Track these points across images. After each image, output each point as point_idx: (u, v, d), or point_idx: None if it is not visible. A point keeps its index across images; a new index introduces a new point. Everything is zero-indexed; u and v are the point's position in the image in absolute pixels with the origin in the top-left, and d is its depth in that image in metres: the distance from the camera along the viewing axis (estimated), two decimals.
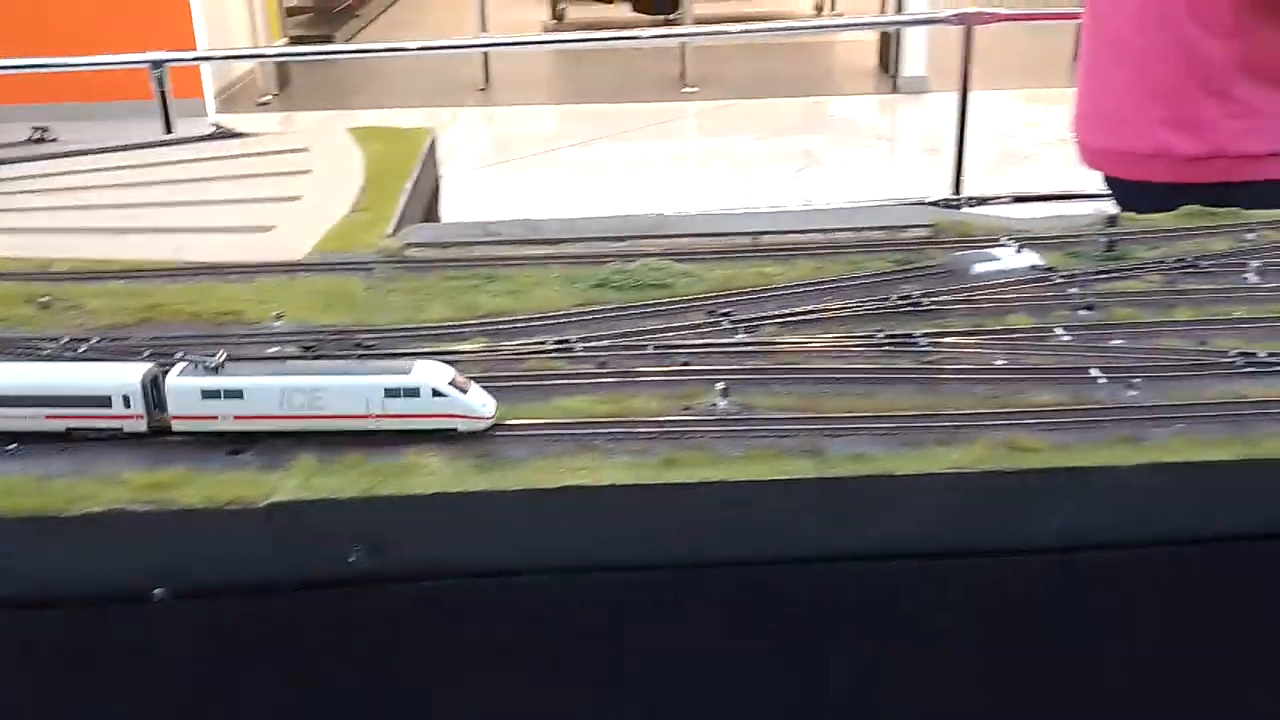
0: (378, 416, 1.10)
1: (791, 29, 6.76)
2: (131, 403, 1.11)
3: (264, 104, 8.31)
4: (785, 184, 6.39)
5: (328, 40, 9.19)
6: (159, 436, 1.12)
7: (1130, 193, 2.39)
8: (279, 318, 1.37)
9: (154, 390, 1.12)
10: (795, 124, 7.55)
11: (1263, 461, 1.05)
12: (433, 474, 1.05)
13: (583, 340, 1.31)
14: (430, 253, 1.55)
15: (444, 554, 1.03)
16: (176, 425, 1.12)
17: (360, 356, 1.27)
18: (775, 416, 1.16)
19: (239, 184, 1.90)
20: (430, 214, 2.04)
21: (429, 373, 1.12)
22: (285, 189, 1.85)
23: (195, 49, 7.69)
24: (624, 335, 1.33)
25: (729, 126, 7.63)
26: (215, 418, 1.11)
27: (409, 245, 1.56)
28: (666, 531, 1.04)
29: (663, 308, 1.41)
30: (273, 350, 1.29)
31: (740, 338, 1.34)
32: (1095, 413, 1.13)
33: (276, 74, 8.49)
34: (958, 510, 1.03)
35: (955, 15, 3.51)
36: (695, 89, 8.22)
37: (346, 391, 1.10)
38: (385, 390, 1.10)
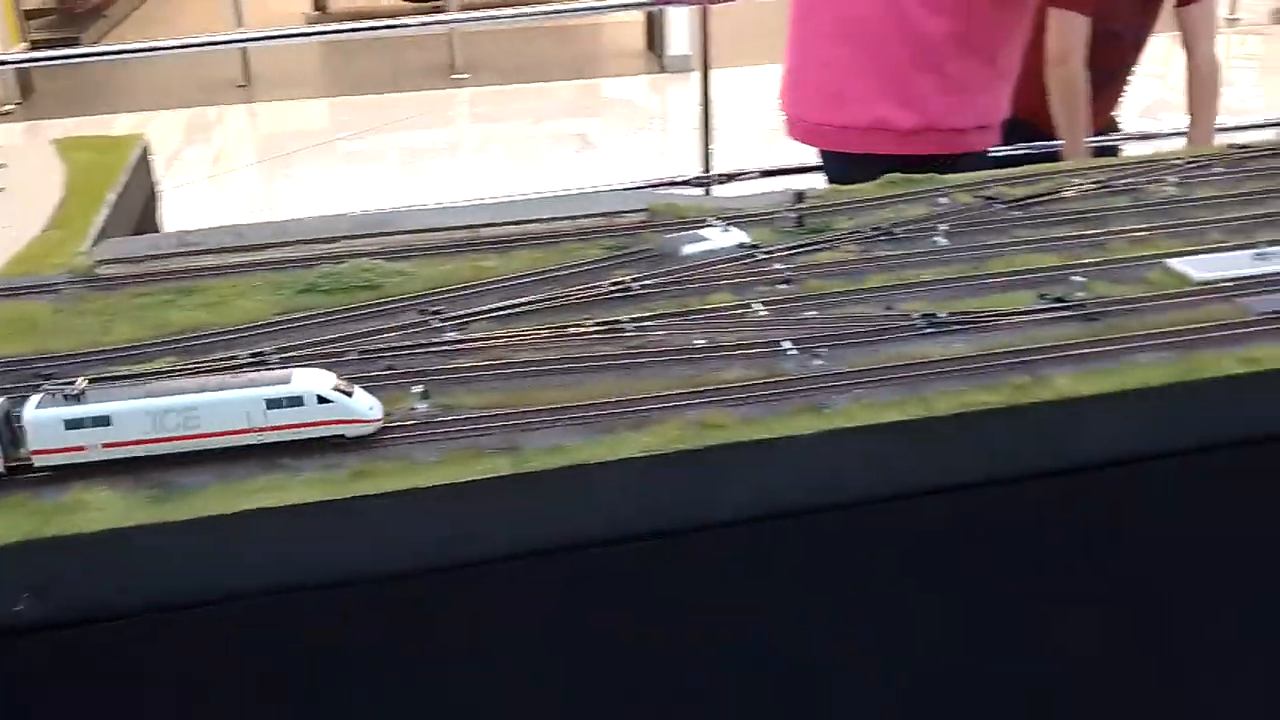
0: (260, 430, 1.06)
1: (535, 14, 6.71)
2: None
3: (6, 114, 7.78)
4: (562, 168, 6.40)
5: (73, 43, 8.65)
6: (18, 475, 1.03)
7: (847, 166, 2.48)
8: None
9: (8, 426, 1.03)
10: (568, 107, 7.56)
11: (934, 419, 1.10)
12: (101, 510, 1.00)
13: (280, 351, 1.27)
14: (124, 269, 1.47)
15: (119, 594, 0.98)
16: (39, 460, 1.03)
17: (38, 388, 1.18)
18: (475, 416, 1.14)
19: None
20: (145, 227, 1.94)
21: (310, 380, 1.08)
22: None
23: None
24: (326, 342, 1.29)
25: (502, 112, 7.59)
26: (82, 448, 1.03)
27: (100, 263, 1.48)
28: (356, 547, 1.02)
29: (371, 310, 1.37)
30: None
31: (449, 336, 1.32)
32: (782, 385, 1.17)
33: (18, 81, 7.95)
34: (649, 492, 1.05)
35: None
36: (466, 75, 8.13)
37: (224, 407, 1.05)
38: (267, 401, 1.05)
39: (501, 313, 1.37)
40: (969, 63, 2.45)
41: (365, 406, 1.10)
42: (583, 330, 1.32)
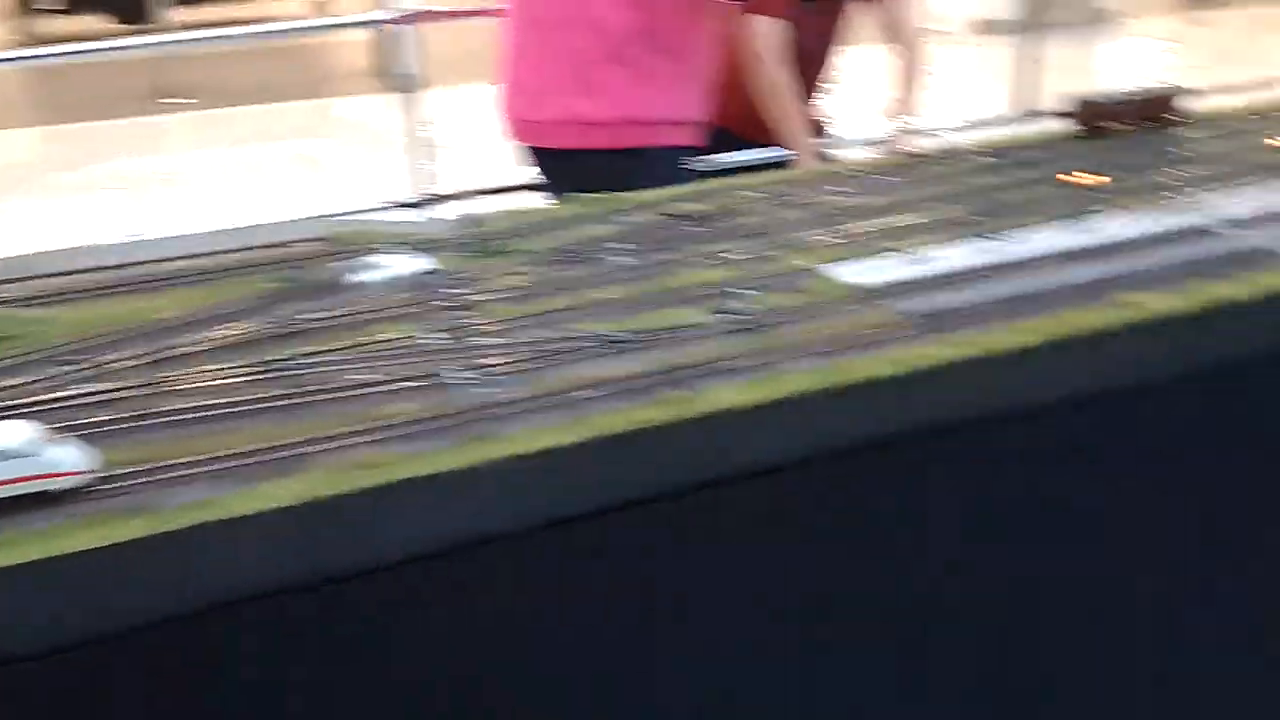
0: None
1: (253, 34, 6.44)
2: None
3: None
4: (289, 192, 6.18)
5: None
6: None
7: (551, 161, 2.53)
8: None
9: None
10: (296, 128, 7.32)
11: (601, 440, 1.09)
12: None
13: None
14: None
15: None
16: None
17: None
18: (115, 474, 1.06)
19: None
20: None
21: (6, 433, 1.00)
22: None
23: None
24: None
25: (226, 136, 7.27)
26: None
27: None
28: None
29: (4, 364, 1.26)
30: None
31: (91, 388, 1.22)
32: (450, 416, 1.13)
33: None
34: (300, 542, 0.99)
35: (403, 15, 3.51)
36: (190, 100, 7.76)
37: None
38: None
39: (151, 359, 1.28)
40: (656, 58, 2.53)
41: (69, 459, 1.02)
42: (238, 373, 1.25)
